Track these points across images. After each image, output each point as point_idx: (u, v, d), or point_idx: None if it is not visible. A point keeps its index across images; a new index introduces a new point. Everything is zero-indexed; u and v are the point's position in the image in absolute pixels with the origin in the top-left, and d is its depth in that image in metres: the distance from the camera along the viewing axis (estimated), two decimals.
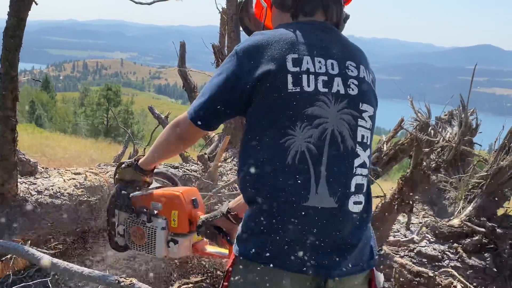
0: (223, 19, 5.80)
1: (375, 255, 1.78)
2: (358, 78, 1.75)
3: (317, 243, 1.61)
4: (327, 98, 1.66)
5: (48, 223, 3.26)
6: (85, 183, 3.53)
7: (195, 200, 2.20)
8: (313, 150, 1.62)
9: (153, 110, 5.51)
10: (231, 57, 1.74)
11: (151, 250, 2.17)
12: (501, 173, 4.94)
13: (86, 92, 61.59)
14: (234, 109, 1.74)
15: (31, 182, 3.33)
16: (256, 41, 1.71)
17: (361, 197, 1.70)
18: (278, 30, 1.77)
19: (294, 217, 1.60)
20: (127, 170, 2.19)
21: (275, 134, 1.63)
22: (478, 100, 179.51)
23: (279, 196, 1.61)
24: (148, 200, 2.19)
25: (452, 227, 4.77)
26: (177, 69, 6.26)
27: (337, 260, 1.63)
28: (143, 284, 1.97)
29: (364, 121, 1.73)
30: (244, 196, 1.74)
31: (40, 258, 2.14)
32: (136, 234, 2.20)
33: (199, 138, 2.01)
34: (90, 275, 2.06)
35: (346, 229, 1.65)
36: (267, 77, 1.64)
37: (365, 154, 1.72)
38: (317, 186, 1.61)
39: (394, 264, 4.20)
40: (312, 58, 1.68)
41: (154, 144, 2.03)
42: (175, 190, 2.20)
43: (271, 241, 1.60)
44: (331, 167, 1.63)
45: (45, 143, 19.84)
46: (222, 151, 4.54)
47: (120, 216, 2.24)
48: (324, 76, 1.67)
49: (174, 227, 2.15)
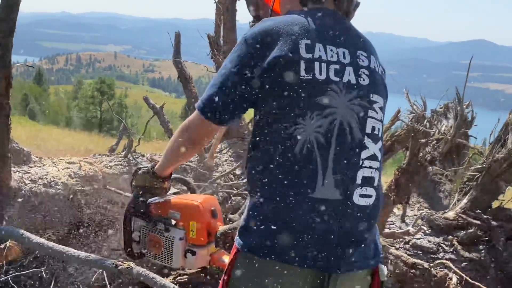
0: (218, 9, 5.75)
1: (380, 252, 1.75)
2: (369, 68, 1.71)
3: (321, 237, 1.57)
4: (338, 88, 1.61)
5: (42, 212, 3.22)
6: (80, 173, 3.50)
7: (214, 210, 2.13)
8: (321, 140, 1.58)
9: (148, 100, 5.46)
10: (239, 45, 1.67)
11: (167, 260, 2.12)
12: (496, 166, 4.94)
13: (79, 85, 61.33)
14: (247, 99, 1.66)
15: (25, 171, 3.30)
16: (266, 26, 1.65)
17: (370, 190, 1.66)
18: (289, 15, 1.71)
19: (299, 209, 1.56)
20: (144, 176, 2.12)
21: (284, 123, 1.58)
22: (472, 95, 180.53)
23: (285, 187, 1.57)
24: (166, 209, 2.14)
25: (447, 219, 4.77)
26: (171, 60, 6.21)
27: (342, 255, 1.60)
28: (140, 267, 1.94)
29: (374, 112, 1.68)
30: (250, 185, 1.69)
31: (35, 241, 2.11)
32: (152, 243, 2.15)
33: (210, 137, 1.92)
34: (87, 259, 2.03)
35: (352, 222, 1.61)
36: (279, 63, 1.58)
37: (376, 146, 1.68)
38: (323, 178, 1.57)
39: (390, 256, 4.19)
40: (324, 45, 1.63)
41: (166, 150, 1.95)
42: (194, 200, 2.14)
43: (275, 233, 1.57)
44: (338, 159, 1.59)
45: (39, 136, 19.72)
46: (217, 142, 4.51)
47: (136, 223, 2.20)
48: (336, 65, 1.63)
49: (193, 238, 2.10)
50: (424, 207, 5.55)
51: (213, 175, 4.39)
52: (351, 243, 1.62)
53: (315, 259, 1.57)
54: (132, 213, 2.17)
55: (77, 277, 3.32)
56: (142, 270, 1.97)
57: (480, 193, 4.97)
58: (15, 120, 26.01)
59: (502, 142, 5.16)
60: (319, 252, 1.57)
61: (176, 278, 4.01)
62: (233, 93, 1.65)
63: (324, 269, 1.58)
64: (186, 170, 4.36)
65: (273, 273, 1.58)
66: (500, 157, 4.89)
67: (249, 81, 1.62)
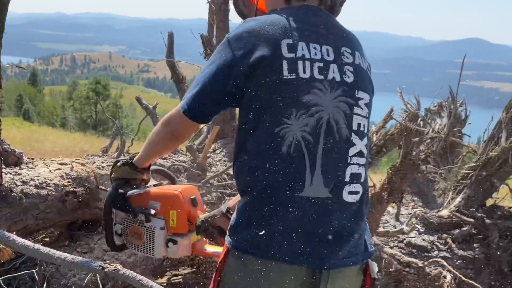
0: (211, 9, 5.75)
1: (369, 248, 1.75)
2: (354, 65, 1.70)
3: (311, 234, 1.58)
4: (322, 86, 1.61)
5: (34, 214, 3.20)
6: (72, 174, 3.47)
7: (194, 199, 2.14)
8: (309, 139, 1.58)
9: (141, 101, 5.45)
10: (222, 45, 1.69)
11: (149, 251, 2.12)
12: (490, 164, 4.95)
13: (74, 86, 61.19)
14: (228, 99, 1.67)
15: (16, 172, 3.27)
16: (248, 27, 1.66)
17: (358, 187, 1.66)
18: (270, 15, 1.71)
19: (288, 208, 1.56)
20: (123, 168, 2.13)
21: (270, 123, 1.58)
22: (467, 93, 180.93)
23: (274, 186, 1.57)
24: (146, 199, 2.13)
25: (441, 217, 4.78)
26: (165, 60, 6.20)
27: (332, 251, 1.60)
28: (127, 270, 1.93)
29: (360, 109, 1.68)
30: (238, 186, 1.70)
31: (21, 244, 2.09)
32: (134, 234, 2.14)
33: (192, 133, 1.94)
34: (73, 261, 2.01)
35: (341, 219, 1.62)
36: (261, 64, 1.58)
37: (362, 143, 1.68)
38: (312, 176, 1.58)
39: (384, 255, 4.20)
40: (307, 44, 1.64)
41: (146, 142, 1.97)
42: (174, 189, 2.14)
43: (264, 232, 1.57)
44: (326, 157, 1.59)
45: (33, 137, 19.71)
46: (211, 142, 4.50)
47: (117, 215, 2.19)
48: (319, 63, 1.63)
49: (173, 227, 2.09)
50: (418, 205, 5.56)
51: (207, 175, 4.38)
52: (341, 240, 1.61)
53: (305, 256, 1.57)
54: (112, 206, 2.16)
55: (70, 279, 3.30)
56: (129, 272, 1.95)
57: (474, 191, 4.98)
58: (9, 121, 26.03)
59: (495, 140, 5.17)
60: (309, 250, 1.57)
61: (171, 278, 4.00)
62: (214, 93, 1.67)
63: (315, 266, 1.58)
64: (179, 170, 4.35)
65: (263, 271, 1.58)
66: (493, 155, 4.90)
67: (230, 82, 1.63)
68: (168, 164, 4.27)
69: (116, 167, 2.17)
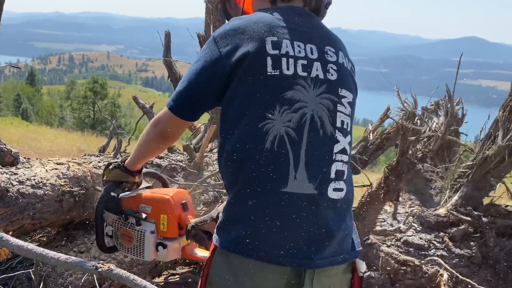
0: (208, 8, 5.74)
1: (357, 247, 1.74)
2: (337, 64, 1.72)
3: (296, 232, 1.57)
4: (306, 83, 1.63)
5: (30, 214, 3.20)
6: (68, 173, 3.47)
7: (185, 204, 2.15)
8: (292, 134, 1.58)
9: (138, 100, 5.44)
10: (209, 43, 1.71)
11: (139, 254, 2.14)
12: (486, 162, 4.96)
13: (72, 85, 61.15)
14: (214, 96, 1.69)
15: (13, 172, 3.26)
16: (234, 25, 1.68)
17: (342, 184, 1.66)
18: (256, 14, 1.74)
19: (272, 204, 1.56)
20: (115, 171, 2.14)
21: (253, 118, 1.59)
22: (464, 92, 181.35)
23: (258, 182, 1.57)
24: (137, 203, 2.15)
25: (438, 216, 4.78)
26: (162, 60, 6.19)
27: (317, 250, 1.59)
28: (121, 269, 1.93)
29: (343, 106, 1.69)
30: (224, 182, 1.71)
31: (15, 244, 2.09)
32: (124, 236, 2.16)
33: (181, 133, 1.94)
34: (66, 261, 2.01)
35: (326, 217, 1.61)
36: (245, 60, 1.60)
37: (345, 140, 1.69)
38: (296, 172, 1.57)
39: (381, 253, 4.20)
40: (292, 42, 1.66)
41: (137, 144, 1.98)
42: (165, 193, 2.15)
43: (249, 230, 1.57)
44: (311, 153, 1.60)
45: (31, 137, 19.69)
46: (207, 141, 4.50)
47: (109, 217, 2.21)
48: (303, 60, 1.65)
49: (163, 231, 2.11)
50: (415, 204, 5.57)
51: (204, 175, 4.38)
52: (326, 238, 1.61)
53: (290, 256, 1.56)
54: (104, 208, 2.18)
55: (67, 278, 3.30)
56: (122, 272, 1.95)
57: (471, 189, 4.99)
58: (7, 121, 26.01)
59: (492, 138, 5.18)
60: (294, 249, 1.57)
61: (168, 277, 4.01)
62: (200, 90, 1.68)
63: (300, 266, 1.58)
64: (176, 170, 4.35)
65: (248, 270, 1.58)
66: (490, 154, 4.91)
67: (216, 78, 1.65)
68: (165, 164, 4.27)
69: (108, 170, 2.18)
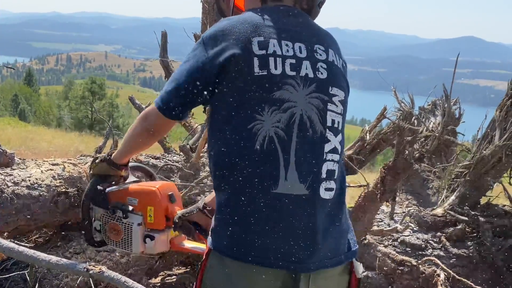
0: (204, 8, 5.73)
1: (353, 247, 1.74)
2: (327, 62, 1.71)
3: (289, 234, 1.56)
4: (295, 82, 1.62)
5: (25, 215, 3.18)
6: (64, 174, 3.45)
7: (172, 195, 2.16)
8: (282, 135, 1.58)
9: (134, 100, 5.42)
10: (197, 44, 1.71)
11: (127, 246, 2.15)
12: (483, 162, 4.95)
13: (70, 86, 61.07)
14: (201, 97, 1.69)
15: (7, 173, 3.25)
16: (221, 26, 1.68)
17: (333, 184, 1.66)
18: (243, 14, 1.74)
19: (263, 206, 1.55)
20: (101, 165, 2.14)
21: (242, 119, 1.59)
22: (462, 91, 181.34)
23: (248, 184, 1.56)
24: (124, 196, 2.16)
25: (435, 216, 4.78)
26: (159, 60, 6.17)
27: (311, 253, 1.58)
28: (112, 272, 1.93)
29: (334, 105, 1.68)
30: (214, 184, 1.70)
31: (5, 246, 2.08)
32: (112, 230, 2.17)
33: (168, 129, 1.96)
34: (58, 263, 2.00)
35: (319, 217, 1.60)
36: (232, 61, 1.60)
37: (336, 139, 1.68)
38: (286, 172, 1.57)
39: (378, 253, 4.20)
40: (279, 41, 1.65)
41: (124, 138, 1.99)
42: (151, 185, 2.16)
43: (241, 233, 1.56)
44: (301, 153, 1.59)
45: (29, 137, 19.65)
46: (204, 142, 4.48)
47: (96, 211, 2.22)
48: (291, 59, 1.64)
49: (151, 223, 2.12)
50: (412, 204, 5.56)
51: (200, 175, 4.37)
52: (319, 239, 1.60)
53: (284, 259, 1.55)
54: (91, 202, 2.19)
55: (62, 279, 3.29)
56: (114, 274, 1.95)
57: (468, 189, 4.98)
58: (5, 121, 25.97)
59: (489, 138, 5.18)
60: (287, 252, 1.56)
61: (165, 278, 3.99)
62: (187, 91, 1.68)
63: (293, 269, 1.57)
64: (172, 170, 4.34)
65: (242, 274, 1.57)
66: (487, 154, 4.90)
67: (204, 80, 1.65)
68: (161, 164, 4.26)
69: (94, 163, 2.18)
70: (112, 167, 2.12)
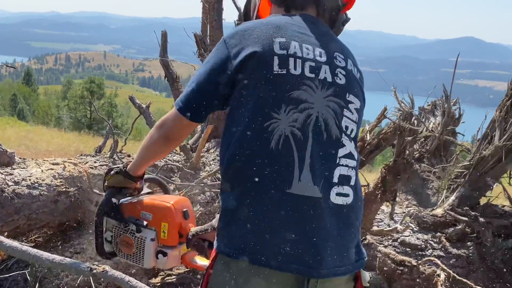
0: (205, 7, 5.72)
1: (363, 257, 1.70)
2: (346, 69, 1.71)
3: (298, 238, 1.53)
4: (313, 84, 1.61)
5: (26, 214, 3.18)
6: (64, 174, 3.45)
7: (186, 212, 2.13)
8: (298, 134, 1.56)
9: (134, 100, 5.42)
10: (219, 45, 1.71)
11: (139, 261, 2.13)
12: (483, 163, 4.96)
13: (69, 85, 60.98)
14: (224, 96, 1.68)
15: (8, 172, 3.25)
16: (244, 26, 1.70)
17: (347, 190, 1.62)
18: (266, 18, 1.77)
19: (276, 206, 1.53)
20: (116, 177, 2.11)
21: (258, 117, 1.57)
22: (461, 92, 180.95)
23: (262, 182, 1.54)
24: (138, 209, 2.13)
25: (435, 216, 4.77)
26: (159, 60, 6.17)
27: (321, 258, 1.54)
28: (116, 271, 1.92)
29: (350, 112, 1.67)
30: (225, 183, 1.66)
31: (9, 245, 2.07)
32: (124, 243, 2.14)
33: (187, 134, 1.93)
34: (61, 262, 1.99)
35: (330, 223, 1.57)
36: (252, 58, 1.60)
37: (352, 145, 1.66)
38: (300, 173, 1.54)
39: (378, 254, 4.20)
40: (300, 44, 1.65)
41: (140, 148, 1.95)
42: (166, 201, 2.13)
43: (251, 234, 1.53)
44: (315, 154, 1.57)
45: (28, 137, 19.59)
46: (204, 141, 4.48)
47: (108, 222, 2.19)
48: (311, 62, 1.64)
49: (164, 239, 2.09)
50: (412, 204, 5.55)
51: (200, 175, 4.36)
52: (331, 246, 1.56)
53: (293, 262, 1.52)
54: (104, 214, 2.16)
55: (63, 279, 3.28)
56: (117, 274, 1.94)
57: (468, 190, 4.98)
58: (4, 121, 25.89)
59: (489, 138, 5.18)
60: (297, 255, 1.52)
61: (165, 278, 3.99)
62: (210, 91, 1.67)
63: (303, 274, 1.53)
64: (172, 170, 4.34)
65: (249, 276, 1.54)
66: (487, 154, 4.90)
67: (225, 78, 1.64)
68: (161, 164, 4.26)
69: (109, 175, 2.15)
70: (127, 179, 2.10)
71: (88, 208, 3.55)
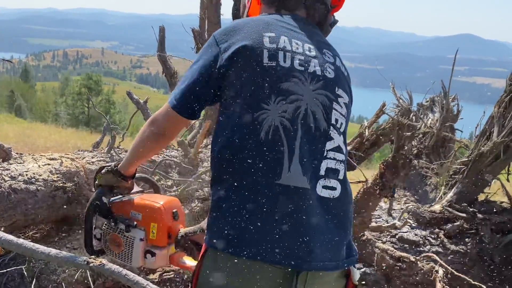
0: (203, 3, 5.71)
1: (354, 254, 1.69)
2: (335, 65, 1.74)
3: (287, 230, 1.52)
4: (303, 76, 1.63)
5: (22, 209, 3.16)
6: (61, 169, 3.44)
7: (176, 213, 2.12)
8: (287, 125, 1.57)
9: (132, 95, 5.41)
10: (209, 42, 1.73)
11: (127, 260, 2.13)
12: (482, 159, 4.96)
13: (66, 82, 60.94)
14: (216, 91, 1.69)
15: (4, 167, 3.24)
16: (233, 24, 1.73)
17: (334, 183, 1.62)
18: (257, 16, 1.81)
19: (265, 197, 1.52)
20: (108, 176, 2.11)
21: (248, 109, 1.58)
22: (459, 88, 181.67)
23: (252, 173, 1.54)
24: (128, 209, 2.13)
25: (433, 212, 4.78)
26: (157, 55, 6.15)
27: (311, 251, 1.53)
28: (113, 264, 1.91)
29: (339, 106, 1.68)
30: (215, 175, 1.66)
31: (4, 238, 2.06)
32: (113, 241, 2.15)
33: (179, 130, 1.93)
34: (57, 256, 1.98)
35: (317, 216, 1.56)
36: (242, 52, 1.62)
37: (340, 138, 1.67)
38: (290, 164, 1.55)
39: (376, 250, 4.19)
40: (289, 39, 1.69)
41: (132, 146, 1.94)
42: (156, 201, 2.12)
43: (240, 226, 1.52)
44: (304, 146, 1.58)
45: (26, 133, 19.56)
46: (202, 137, 4.47)
47: (98, 220, 2.19)
48: (301, 56, 1.67)
49: (152, 239, 2.10)
50: (410, 200, 5.56)
51: (198, 170, 4.35)
52: (320, 239, 1.56)
53: (282, 255, 1.51)
54: (94, 211, 2.16)
55: (60, 275, 3.27)
56: (114, 267, 1.93)
57: (466, 186, 4.98)
58: (1, 118, 25.89)
59: (487, 135, 5.18)
60: (286, 248, 1.51)
61: (162, 274, 3.98)
62: (203, 86, 1.68)
63: (292, 267, 1.52)
64: (170, 166, 4.33)
65: (240, 270, 1.52)
66: (485, 150, 4.90)
67: (215, 74, 1.66)
68: (159, 159, 4.24)
69: (100, 174, 2.15)
70: (118, 178, 2.09)
71: (85, 203, 3.54)
